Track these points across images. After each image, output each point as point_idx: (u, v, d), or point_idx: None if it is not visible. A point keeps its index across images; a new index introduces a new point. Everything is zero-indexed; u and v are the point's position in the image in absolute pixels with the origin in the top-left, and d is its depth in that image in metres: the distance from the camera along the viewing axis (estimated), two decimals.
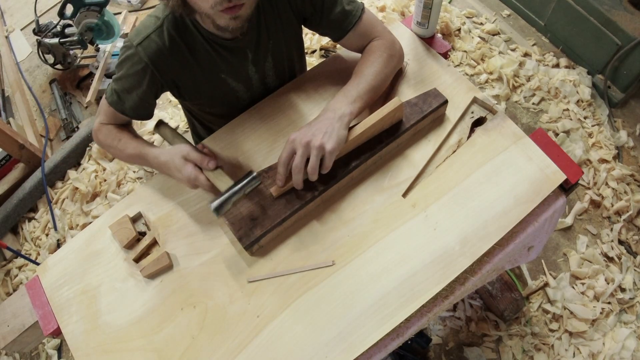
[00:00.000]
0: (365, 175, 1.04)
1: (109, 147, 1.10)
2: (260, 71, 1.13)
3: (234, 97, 1.16)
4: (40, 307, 1.00)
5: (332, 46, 2.47)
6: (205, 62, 1.05)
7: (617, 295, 1.73)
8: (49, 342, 1.85)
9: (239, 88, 1.13)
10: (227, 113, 1.19)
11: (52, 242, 2.06)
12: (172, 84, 1.07)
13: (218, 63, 1.06)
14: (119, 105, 1.05)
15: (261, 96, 1.19)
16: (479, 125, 1.09)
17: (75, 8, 2.28)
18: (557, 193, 1.01)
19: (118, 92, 1.04)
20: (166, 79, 1.04)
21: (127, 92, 1.04)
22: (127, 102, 1.04)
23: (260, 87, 1.18)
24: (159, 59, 0.99)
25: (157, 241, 1.02)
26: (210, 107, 1.20)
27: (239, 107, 1.18)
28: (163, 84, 1.05)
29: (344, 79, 1.04)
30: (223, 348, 0.90)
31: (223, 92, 1.13)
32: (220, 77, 1.09)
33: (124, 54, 1.01)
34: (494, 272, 1.05)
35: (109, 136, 1.09)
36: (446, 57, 1.21)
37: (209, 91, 1.11)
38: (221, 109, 1.20)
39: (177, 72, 1.04)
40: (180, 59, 1.02)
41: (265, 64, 1.13)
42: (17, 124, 2.47)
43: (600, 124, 2.14)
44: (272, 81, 1.19)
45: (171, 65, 1.02)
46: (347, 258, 0.95)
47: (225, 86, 1.11)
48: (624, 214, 1.89)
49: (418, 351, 1.65)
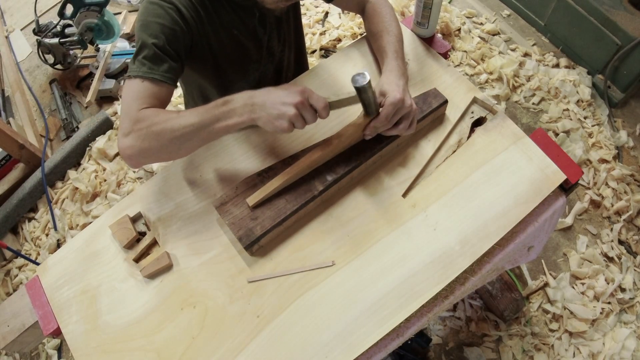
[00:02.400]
0: (365, 175, 1.04)
1: (158, 123, 0.89)
2: (266, 32, 1.15)
3: (246, 58, 1.16)
4: (40, 307, 1.00)
5: (332, 46, 2.47)
6: (224, 16, 1.05)
7: (617, 295, 1.73)
8: (49, 342, 1.85)
9: (250, 46, 1.14)
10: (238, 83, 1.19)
11: (52, 242, 2.06)
12: (200, 37, 1.02)
13: (233, 17, 1.06)
14: (153, 72, 0.92)
15: (268, 65, 1.21)
16: (479, 125, 1.09)
17: (75, 8, 2.28)
18: (557, 193, 1.01)
19: (148, 57, 0.93)
20: (196, 30, 1.00)
21: (157, 48, 0.92)
22: (162, 63, 0.93)
23: (266, 53, 1.19)
24: (189, 6, 0.98)
25: (157, 241, 1.02)
26: (226, 68, 1.15)
27: (251, 75, 1.20)
28: (194, 33, 0.99)
29: (344, 78, 1.04)
30: (223, 348, 0.90)
31: (236, 50, 1.12)
32: (233, 33, 1.09)
33: (152, 7, 0.95)
34: (494, 272, 1.06)
35: (160, 115, 0.90)
36: (446, 57, 1.21)
37: (227, 47, 1.09)
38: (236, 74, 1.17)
39: (204, 25, 1.02)
40: (205, 11, 1.01)
41: (270, 26, 1.15)
42: (17, 124, 2.47)
43: (600, 124, 2.14)
44: (276, 45, 1.20)
45: (199, 15, 1.00)
46: (347, 258, 0.95)
47: (238, 44, 1.11)
48: (624, 214, 1.89)
49: (418, 351, 1.65)
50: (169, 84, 0.95)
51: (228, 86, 1.19)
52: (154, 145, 0.90)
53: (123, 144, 0.92)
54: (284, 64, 1.28)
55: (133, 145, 0.91)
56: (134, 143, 0.91)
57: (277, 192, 0.97)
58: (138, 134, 0.90)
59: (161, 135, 0.89)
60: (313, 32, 2.52)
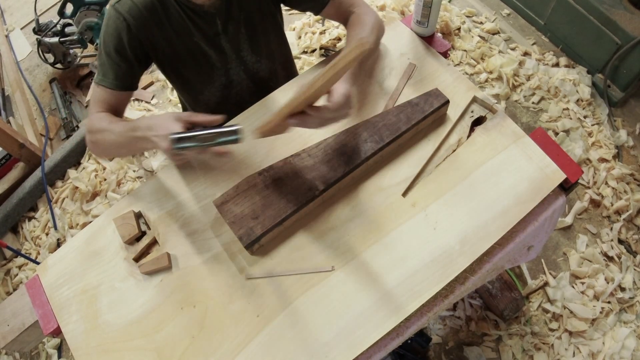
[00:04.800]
0: (366, 175, 1.04)
1: (98, 132, 1.03)
2: (233, 42, 1.15)
3: (209, 65, 1.17)
4: (40, 307, 1.00)
5: (332, 45, 2.47)
6: (178, 25, 1.08)
7: (617, 294, 1.73)
8: (49, 342, 1.85)
9: (212, 54, 1.15)
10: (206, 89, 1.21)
11: (52, 242, 2.06)
12: (149, 43, 1.08)
13: (190, 26, 1.08)
14: (104, 80, 1.05)
15: (239, 71, 1.22)
16: (479, 124, 1.09)
17: (75, 7, 2.28)
18: (556, 192, 1.01)
19: (101, 64, 1.06)
20: (143, 35, 1.06)
21: (108, 57, 1.04)
22: (111, 71, 1.05)
23: (236, 61, 1.20)
24: (136, 14, 1.03)
25: (157, 240, 1.02)
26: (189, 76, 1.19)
27: (217, 80, 1.21)
28: (141, 40, 1.06)
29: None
30: (223, 348, 0.90)
31: (197, 57, 1.14)
32: (193, 40, 1.11)
33: (105, 18, 1.05)
34: (494, 272, 1.06)
35: (101, 121, 1.04)
36: (446, 56, 1.21)
37: (185, 55, 1.13)
38: (200, 80, 1.20)
39: (153, 32, 1.06)
40: (155, 18, 1.05)
41: (239, 36, 1.15)
42: (17, 123, 2.47)
43: (600, 123, 2.14)
44: (248, 55, 1.20)
45: (147, 22, 1.04)
46: (347, 257, 0.95)
47: (199, 51, 1.13)
48: (623, 213, 1.89)
49: (418, 350, 1.65)
50: (117, 90, 1.06)
51: (196, 90, 1.23)
52: (100, 149, 1.08)
53: (85, 129, 1.09)
54: (264, 74, 1.26)
55: (89, 146, 1.10)
56: (89, 145, 1.09)
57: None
58: (89, 138, 1.08)
59: (99, 144, 1.06)
60: (313, 31, 2.52)
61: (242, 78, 1.24)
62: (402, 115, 1.04)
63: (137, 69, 1.10)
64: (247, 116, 1.15)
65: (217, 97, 1.25)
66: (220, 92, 1.24)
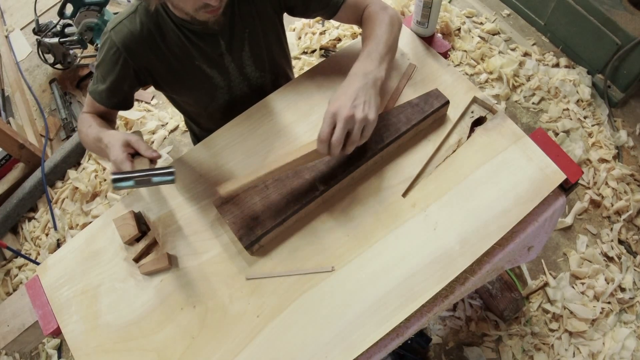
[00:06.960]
0: (366, 175, 1.04)
1: (80, 132, 1.09)
2: (236, 60, 1.14)
3: (212, 86, 1.16)
4: (40, 307, 1.00)
5: (332, 46, 2.47)
6: (177, 49, 1.06)
7: (617, 295, 1.73)
8: (49, 342, 1.85)
9: (215, 75, 1.14)
10: (210, 105, 1.21)
11: (52, 242, 2.06)
12: (145, 70, 1.08)
13: (190, 50, 1.07)
14: (95, 93, 1.08)
15: (242, 87, 1.21)
16: (479, 124, 1.09)
17: (75, 8, 2.28)
18: (557, 193, 1.01)
19: (96, 79, 1.08)
20: (138, 63, 1.05)
21: (102, 78, 1.06)
22: (101, 89, 1.07)
23: (240, 78, 1.19)
24: (130, 43, 1.02)
25: (157, 241, 1.02)
26: (191, 98, 1.20)
27: (220, 98, 1.20)
28: (136, 69, 1.06)
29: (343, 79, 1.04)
30: (223, 348, 0.90)
31: (199, 79, 1.13)
32: (194, 64, 1.10)
33: (102, 40, 1.05)
34: (494, 272, 1.06)
35: (84, 122, 1.08)
36: (446, 56, 1.21)
37: (186, 79, 1.12)
38: (203, 100, 1.20)
39: (149, 58, 1.06)
40: (151, 45, 1.04)
41: (243, 54, 1.14)
42: (17, 123, 2.47)
43: (600, 123, 2.14)
44: (252, 71, 1.19)
45: (142, 50, 1.03)
46: (347, 258, 0.95)
47: (201, 73, 1.12)
48: (623, 214, 1.89)
49: (418, 351, 1.65)
50: (100, 103, 1.08)
51: (199, 107, 1.24)
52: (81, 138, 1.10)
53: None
54: (267, 88, 1.25)
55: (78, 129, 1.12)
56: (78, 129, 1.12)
57: (257, 185, 0.96)
58: (78, 128, 1.11)
59: (81, 137, 1.09)
60: (313, 31, 2.52)
61: (245, 93, 1.23)
62: (402, 116, 1.04)
63: (130, 93, 1.11)
64: (247, 116, 1.15)
65: (221, 112, 1.24)
66: (224, 108, 1.23)
